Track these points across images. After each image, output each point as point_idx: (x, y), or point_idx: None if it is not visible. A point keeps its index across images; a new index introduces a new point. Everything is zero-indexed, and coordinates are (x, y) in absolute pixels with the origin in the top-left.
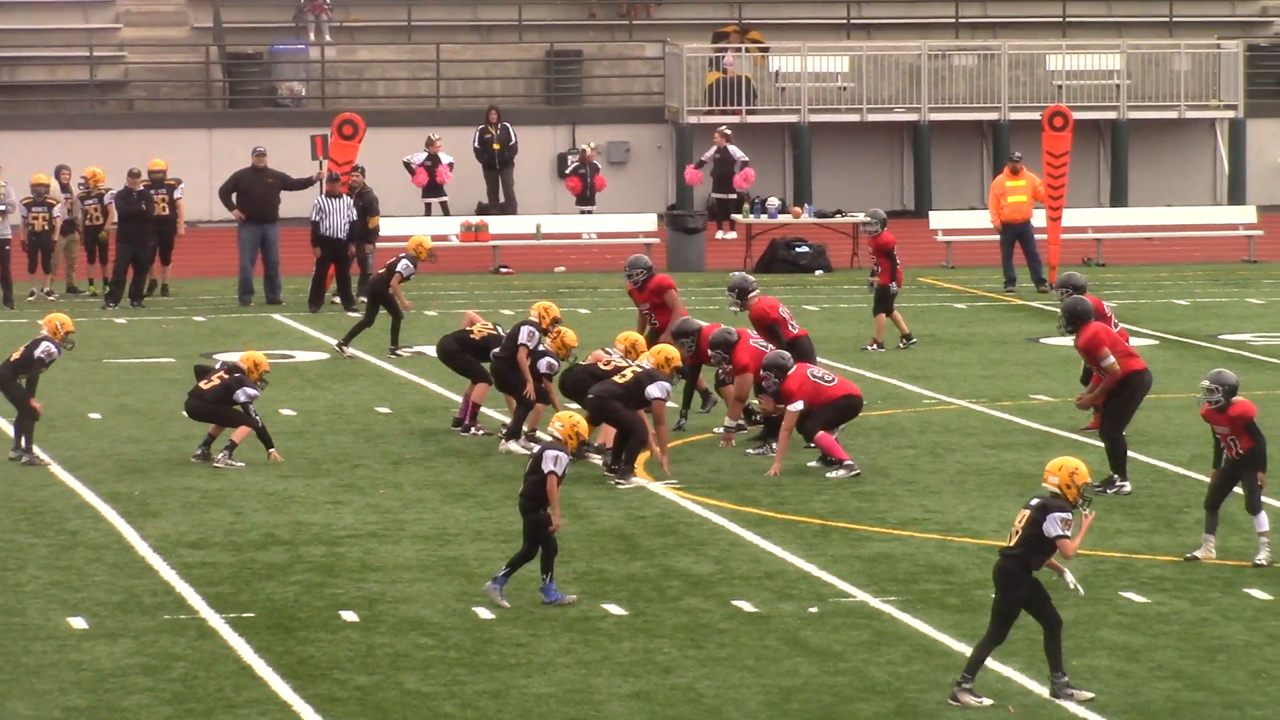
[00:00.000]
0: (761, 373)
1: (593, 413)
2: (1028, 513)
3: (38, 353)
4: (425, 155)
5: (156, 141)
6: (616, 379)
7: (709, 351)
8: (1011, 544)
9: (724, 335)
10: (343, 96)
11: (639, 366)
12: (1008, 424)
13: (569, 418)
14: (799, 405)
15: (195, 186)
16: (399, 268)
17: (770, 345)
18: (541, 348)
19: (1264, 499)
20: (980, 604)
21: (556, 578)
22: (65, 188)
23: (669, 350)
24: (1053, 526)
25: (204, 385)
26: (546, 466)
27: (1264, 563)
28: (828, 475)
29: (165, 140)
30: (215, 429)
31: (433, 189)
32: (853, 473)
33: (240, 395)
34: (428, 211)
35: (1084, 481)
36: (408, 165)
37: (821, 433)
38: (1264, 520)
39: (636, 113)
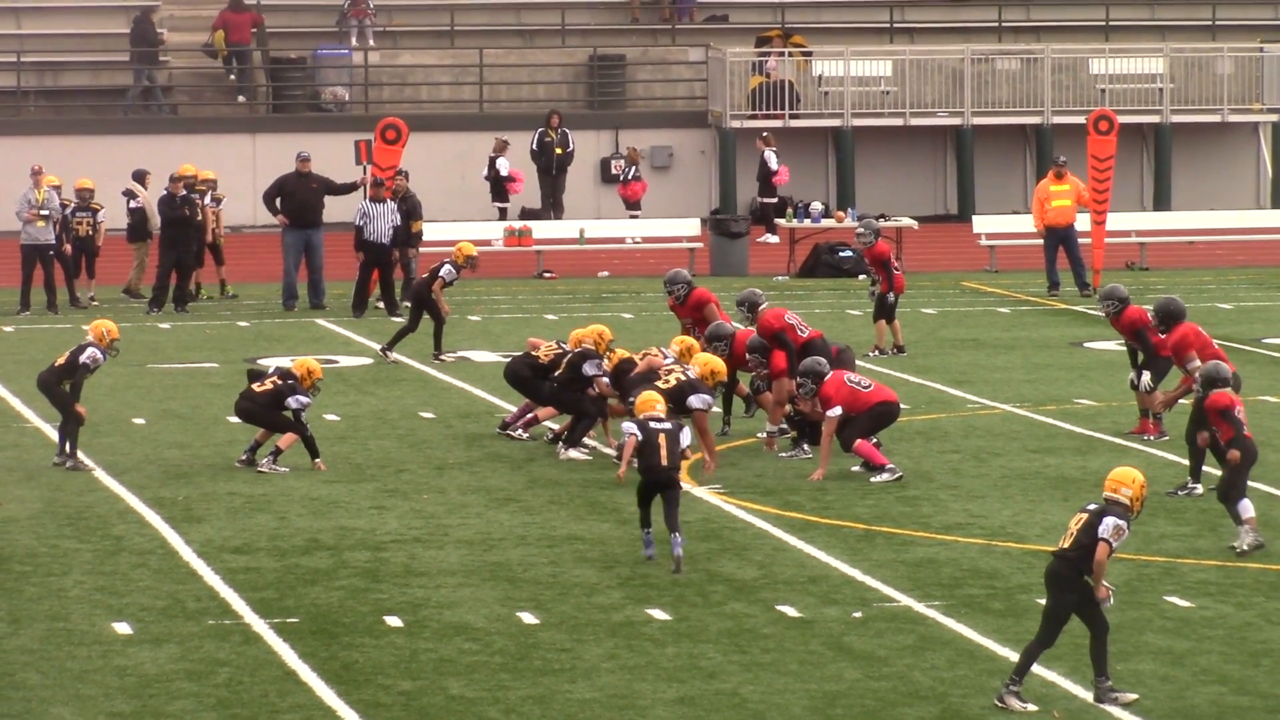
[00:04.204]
0: (797, 380)
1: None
2: (1085, 516)
3: (83, 358)
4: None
5: (200, 146)
6: (660, 383)
7: (746, 356)
8: (1065, 546)
9: (760, 340)
10: (386, 101)
11: (684, 374)
12: (1051, 428)
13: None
14: (838, 410)
15: (239, 191)
16: (441, 273)
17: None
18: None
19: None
20: (1024, 609)
21: (601, 583)
22: (132, 194)
23: (715, 363)
24: (1106, 528)
25: (256, 388)
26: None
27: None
28: (872, 480)
29: (208, 145)
30: (262, 434)
31: (502, 195)
32: (895, 476)
33: (292, 402)
34: (502, 216)
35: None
36: (499, 175)
37: (859, 441)
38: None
39: (679, 117)
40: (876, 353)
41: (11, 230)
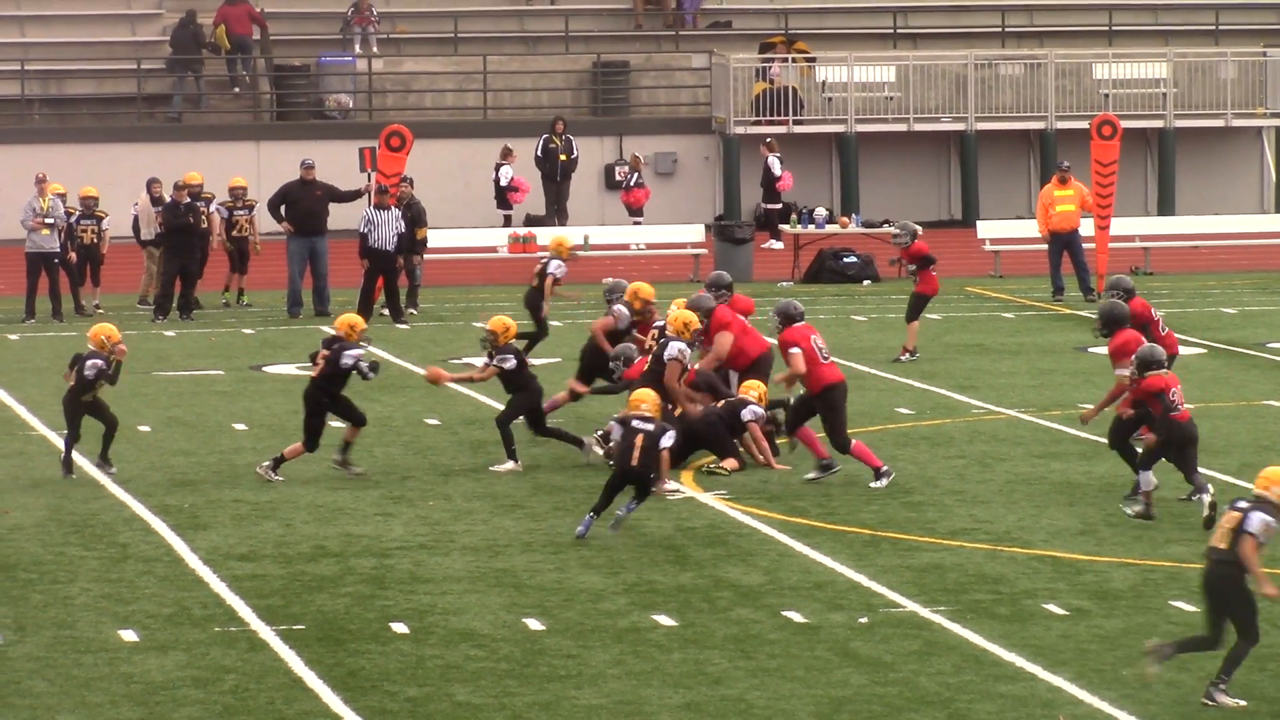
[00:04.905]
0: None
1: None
2: (1237, 514)
3: (85, 371)
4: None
5: (204, 154)
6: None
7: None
8: (1223, 546)
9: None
10: (390, 108)
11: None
12: (1056, 433)
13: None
14: (798, 351)
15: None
16: (550, 270)
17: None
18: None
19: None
20: (1030, 614)
21: (607, 589)
22: (158, 200)
23: (688, 315)
24: (1252, 523)
25: (315, 373)
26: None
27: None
28: (872, 486)
29: (213, 153)
30: (350, 431)
31: (507, 202)
32: (831, 471)
33: (347, 359)
34: (507, 223)
35: None
36: (503, 183)
37: (856, 442)
38: None
39: (683, 123)
40: (908, 356)
41: (16, 238)
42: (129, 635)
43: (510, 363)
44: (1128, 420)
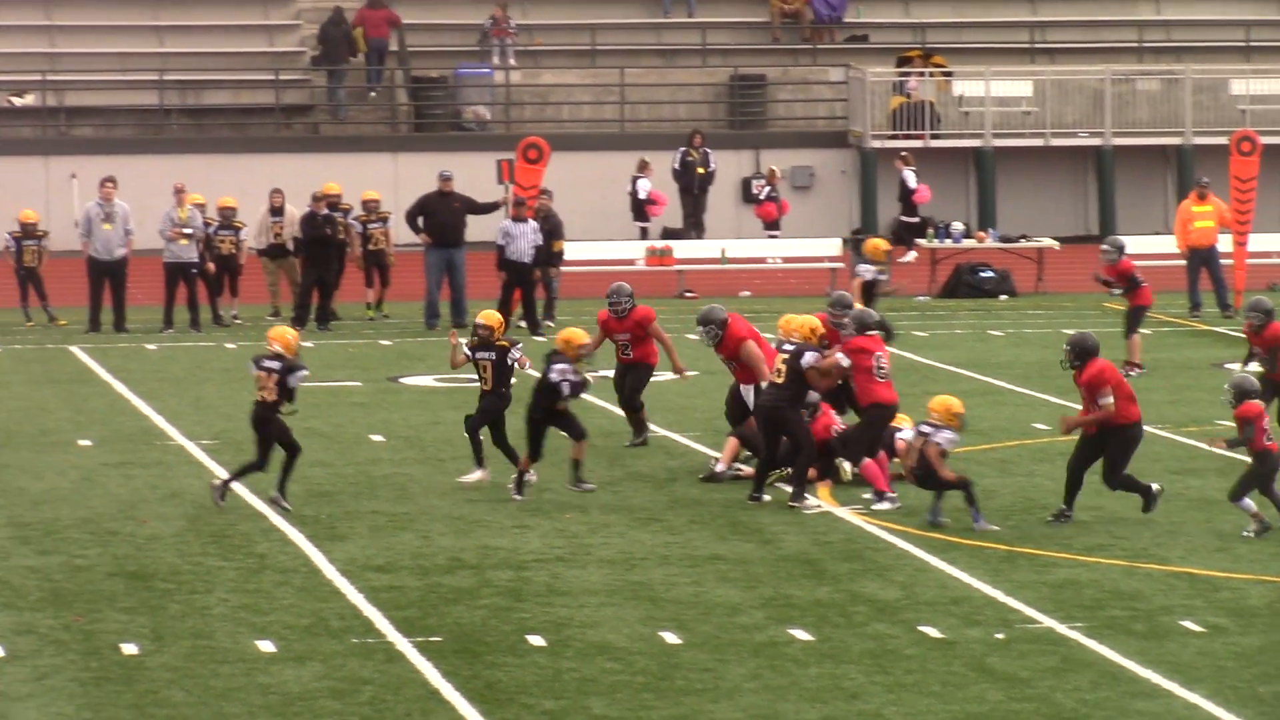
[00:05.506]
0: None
1: (765, 424)
2: None
3: (292, 383)
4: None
5: (341, 165)
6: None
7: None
8: None
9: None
10: (528, 120)
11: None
12: (1193, 450)
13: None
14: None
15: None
16: (862, 273)
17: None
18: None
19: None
20: (1166, 630)
21: (743, 603)
22: (277, 210)
23: (813, 320)
24: None
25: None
26: None
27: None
28: (873, 508)
29: (350, 164)
30: (576, 449)
31: (644, 215)
32: (895, 506)
33: (553, 374)
34: (643, 236)
35: None
36: (640, 195)
37: (868, 461)
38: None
39: (820, 137)
40: (1136, 371)
41: (155, 248)
42: (266, 646)
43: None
44: (1090, 445)
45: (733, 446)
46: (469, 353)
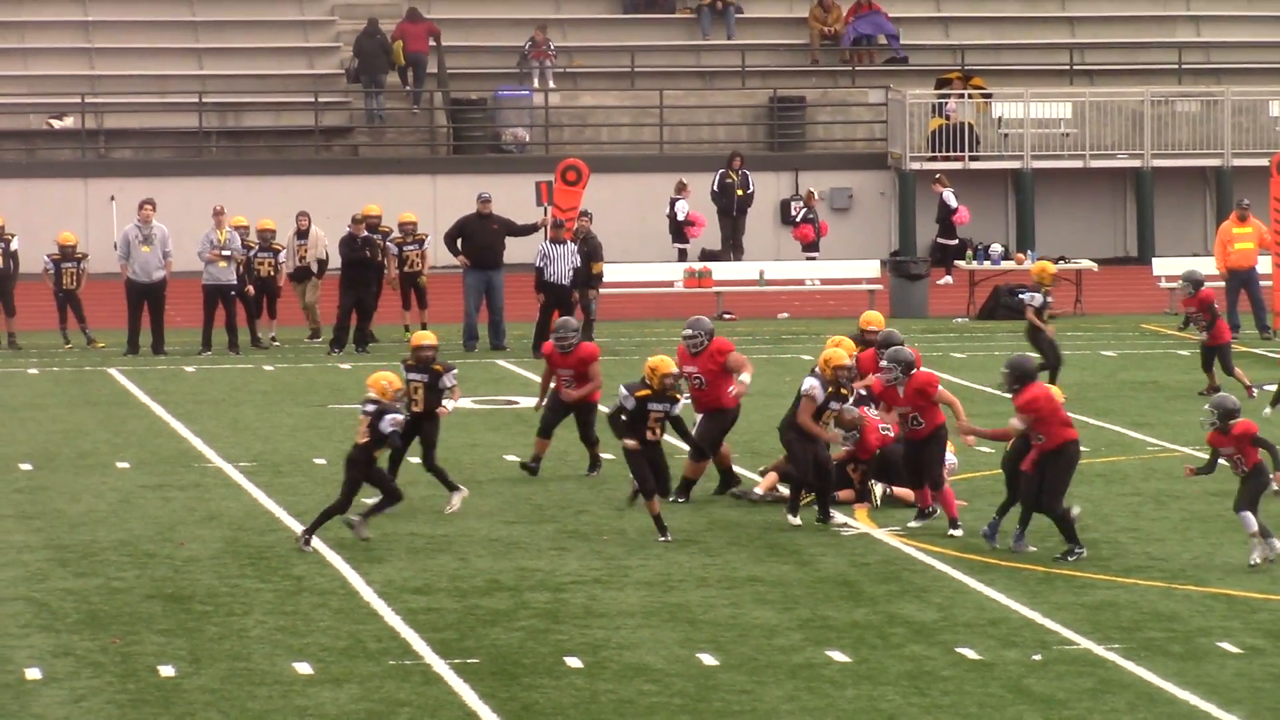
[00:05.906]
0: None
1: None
2: None
3: (383, 426)
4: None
5: (380, 187)
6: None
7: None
8: None
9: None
10: (566, 142)
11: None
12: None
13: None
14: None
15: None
16: (1027, 299)
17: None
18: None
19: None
20: (1205, 652)
21: (781, 624)
22: (303, 233)
23: (847, 343)
24: None
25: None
26: None
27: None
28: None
29: (389, 185)
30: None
31: (682, 236)
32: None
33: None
34: (682, 257)
35: None
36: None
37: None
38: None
39: (859, 159)
40: (1254, 393)
41: (194, 270)
42: (304, 668)
43: None
44: (1019, 449)
45: (771, 480)
46: (403, 371)
